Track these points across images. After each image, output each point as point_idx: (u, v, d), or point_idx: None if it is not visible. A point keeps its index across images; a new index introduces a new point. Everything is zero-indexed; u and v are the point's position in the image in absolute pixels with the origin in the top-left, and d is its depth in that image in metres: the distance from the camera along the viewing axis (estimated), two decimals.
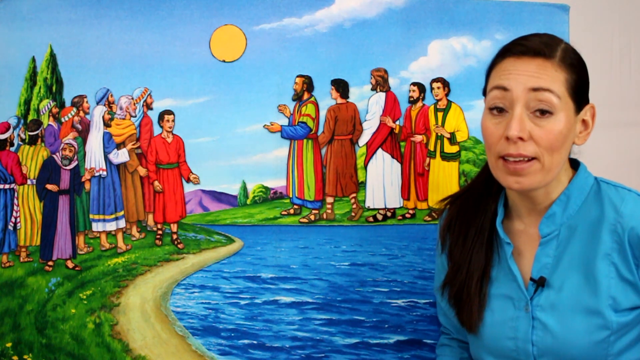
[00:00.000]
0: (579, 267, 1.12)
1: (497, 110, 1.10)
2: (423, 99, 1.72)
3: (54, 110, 1.65)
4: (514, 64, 1.09)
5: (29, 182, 1.65)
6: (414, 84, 1.71)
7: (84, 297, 1.64)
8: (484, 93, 1.18)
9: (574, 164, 1.20)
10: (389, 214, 1.72)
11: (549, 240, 1.15)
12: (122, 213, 1.67)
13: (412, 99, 1.71)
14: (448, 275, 1.26)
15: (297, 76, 1.68)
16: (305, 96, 1.69)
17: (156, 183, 1.68)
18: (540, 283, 1.13)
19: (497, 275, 1.20)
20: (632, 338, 1.11)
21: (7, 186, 1.64)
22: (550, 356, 1.12)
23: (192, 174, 1.67)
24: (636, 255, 1.09)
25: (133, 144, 1.68)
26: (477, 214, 1.24)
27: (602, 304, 1.09)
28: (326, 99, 1.70)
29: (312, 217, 1.71)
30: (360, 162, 1.72)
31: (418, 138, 1.73)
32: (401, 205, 1.72)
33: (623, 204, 1.12)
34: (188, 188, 1.68)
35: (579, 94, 1.11)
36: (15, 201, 1.64)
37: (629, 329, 1.10)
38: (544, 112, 1.07)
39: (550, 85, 1.07)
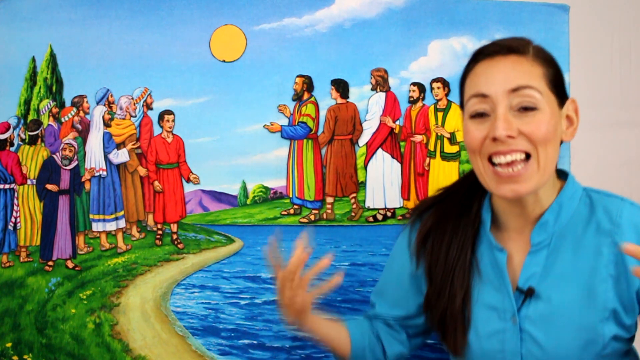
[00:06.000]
0: (571, 278, 1.07)
1: (479, 116, 1.05)
2: (423, 99, 1.72)
3: (54, 110, 1.65)
4: (489, 66, 1.05)
5: (29, 182, 1.65)
6: (414, 84, 1.71)
7: (84, 297, 1.64)
8: (462, 105, 1.12)
9: (562, 176, 1.16)
10: (389, 214, 1.72)
11: (539, 249, 1.10)
12: (122, 213, 1.67)
13: (412, 99, 1.71)
14: (429, 299, 1.19)
15: (297, 76, 1.68)
16: (305, 96, 1.69)
17: (156, 183, 1.68)
18: (528, 293, 1.08)
19: (480, 286, 1.14)
20: (622, 351, 1.09)
21: (7, 186, 1.64)
22: None
23: (192, 174, 1.67)
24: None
25: (133, 144, 1.68)
26: (458, 231, 1.16)
27: (597, 317, 1.05)
28: (326, 99, 1.70)
29: (312, 217, 1.71)
30: (360, 162, 1.72)
31: (418, 138, 1.73)
32: (401, 205, 1.72)
33: (618, 214, 1.08)
34: (188, 188, 1.68)
35: (559, 87, 1.07)
36: (15, 201, 1.64)
37: (621, 345, 1.08)
38: (528, 109, 1.02)
39: (529, 82, 1.03)
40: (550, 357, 1.06)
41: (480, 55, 1.08)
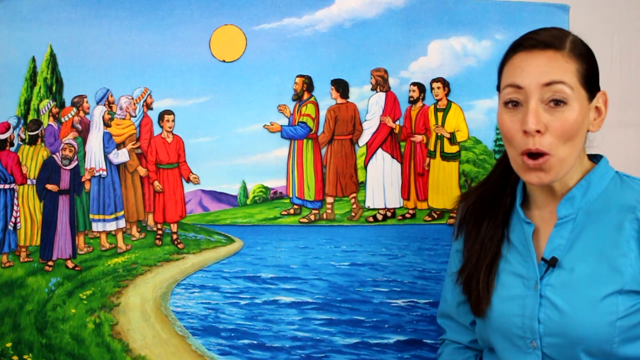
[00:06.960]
0: (594, 252, 1.14)
1: (512, 104, 1.14)
2: (423, 99, 1.72)
3: (54, 110, 1.65)
4: (525, 59, 1.13)
5: (29, 182, 1.65)
6: (414, 84, 1.71)
7: (84, 297, 1.64)
8: (498, 88, 1.20)
9: (596, 159, 1.23)
10: (389, 214, 1.72)
11: (565, 223, 1.18)
12: (122, 213, 1.67)
13: (412, 99, 1.71)
14: (462, 265, 1.31)
15: (297, 76, 1.68)
16: (305, 96, 1.69)
17: (156, 183, 1.68)
18: (551, 263, 1.16)
19: (508, 255, 1.24)
20: (637, 331, 1.12)
21: (7, 186, 1.64)
22: (556, 336, 1.13)
23: (192, 174, 1.67)
24: None
25: (133, 144, 1.68)
26: (492, 206, 1.28)
27: (615, 288, 1.10)
28: (326, 99, 1.70)
29: (312, 217, 1.71)
30: (360, 162, 1.72)
31: (418, 138, 1.73)
32: (401, 205, 1.72)
33: None
34: (188, 188, 1.68)
35: (590, 82, 1.14)
36: (15, 201, 1.64)
37: (635, 319, 1.11)
38: (558, 102, 1.10)
39: (562, 77, 1.10)
40: (567, 322, 1.12)
41: (519, 47, 1.15)
